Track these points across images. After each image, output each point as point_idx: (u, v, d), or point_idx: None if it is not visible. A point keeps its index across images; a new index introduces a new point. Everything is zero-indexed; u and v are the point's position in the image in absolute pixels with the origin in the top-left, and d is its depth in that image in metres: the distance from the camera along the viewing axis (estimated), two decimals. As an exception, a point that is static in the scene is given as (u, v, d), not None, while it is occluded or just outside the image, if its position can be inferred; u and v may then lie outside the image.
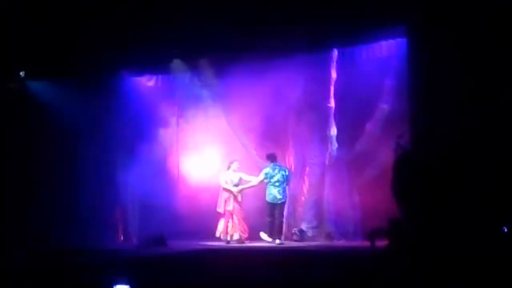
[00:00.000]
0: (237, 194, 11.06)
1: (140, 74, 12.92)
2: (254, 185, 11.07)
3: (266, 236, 10.87)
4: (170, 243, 10.69)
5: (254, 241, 11.04)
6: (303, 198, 11.58)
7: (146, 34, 11.05)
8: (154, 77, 13.07)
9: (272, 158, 11.07)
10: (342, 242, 10.72)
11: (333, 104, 11.25)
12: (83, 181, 12.15)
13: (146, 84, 13.13)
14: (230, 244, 10.84)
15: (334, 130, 11.27)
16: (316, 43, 11.00)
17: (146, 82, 13.12)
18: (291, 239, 11.14)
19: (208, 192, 11.62)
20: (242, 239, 10.98)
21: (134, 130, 12.53)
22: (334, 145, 11.30)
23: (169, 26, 10.76)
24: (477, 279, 5.52)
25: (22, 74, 12.42)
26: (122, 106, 12.50)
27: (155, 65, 12.44)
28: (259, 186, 11.05)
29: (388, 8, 9.40)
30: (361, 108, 10.90)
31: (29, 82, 12.58)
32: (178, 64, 12.17)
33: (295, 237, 11.14)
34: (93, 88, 12.14)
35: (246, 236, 11.06)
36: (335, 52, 11.29)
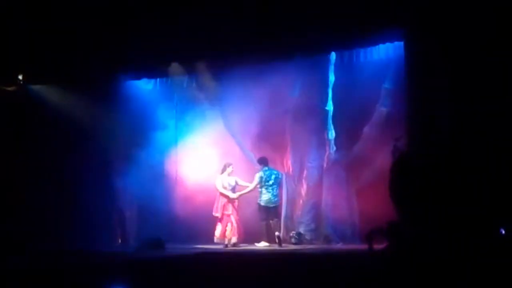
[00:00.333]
0: (235, 199, 11.12)
1: (138, 78, 12.94)
2: (251, 190, 11.14)
3: (264, 242, 10.93)
4: (168, 247, 10.66)
5: (251, 244, 11.06)
6: (301, 201, 11.57)
7: (144, 37, 11.07)
8: (152, 80, 13.11)
9: (264, 161, 11.22)
10: (340, 245, 10.69)
11: (331, 107, 11.27)
12: (82, 183, 12.11)
13: (144, 87, 13.17)
14: (229, 247, 10.83)
15: (332, 133, 11.29)
16: (314, 46, 11.02)
17: (144, 85, 13.16)
18: (289, 242, 11.13)
19: (207, 195, 11.61)
20: (238, 243, 11.00)
21: (133, 133, 12.51)
22: (332, 148, 11.31)
23: (167, 29, 10.78)
24: (475, 281, 5.53)
25: (20, 77, 12.44)
26: (121, 109, 12.50)
27: (153, 68, 12.46)
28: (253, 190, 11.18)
29: (385, 11, 9.42)
30: (359, 111, 10.90)
31: (27, 86, 12.59)
32: (176, 67, 12.18)
33: (293, 240, 11.12)
34: (91, 91, 12.16)
35: (241, 239, 11.09)
36: (333, 55, 11.32)
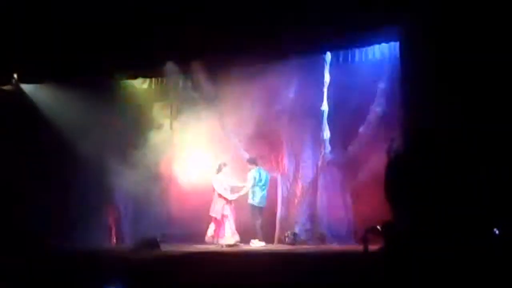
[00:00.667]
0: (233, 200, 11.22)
1: (133, 77, 12.91)
2: (247, 191, 11.17)
3: (258, 241, 10.95)
4: (163, 246, 10.65)
5: (246, 244, 11.08)
6: (296, 201, 11.59)
7: (139, 37, 11.05)
8: (148, 80, 13.08)
9: (255, 162, 11.30)
10: (335, 245, 10.71)
11: (326, 107, 11.28)
12: (76, 183, 12.11)
13: (139, 86, 13.13)
14: (224, 248, 10.84)
15: (327, 133, 11.29)
16: (309, 46, 11.01)
17: (139, 84, 13.13)
18: (284, 242, 11.15)
19: (202, 195, 11.61)
20: (235, 243, 11.01)
21: (128, 133, 12.50)
22: (327, 148, 11.32)
23: (162, 29, 10.76)
24: (470, 281, 5.55)
25: (15, 76, 12.41)
26: (116, 109, 12.47)
27: (149, 68, 12.44)
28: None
29: (381, 11, 9.43)
30: (354, 111, 10.92)
31: (23, 85, 12.56)
32: (171, 67, 12.17)
33: (288, 240, 11.13)
34: (86, 90, 12.08)
35: (238, 239, 11.09)
36: (329, 55, 11.32)
